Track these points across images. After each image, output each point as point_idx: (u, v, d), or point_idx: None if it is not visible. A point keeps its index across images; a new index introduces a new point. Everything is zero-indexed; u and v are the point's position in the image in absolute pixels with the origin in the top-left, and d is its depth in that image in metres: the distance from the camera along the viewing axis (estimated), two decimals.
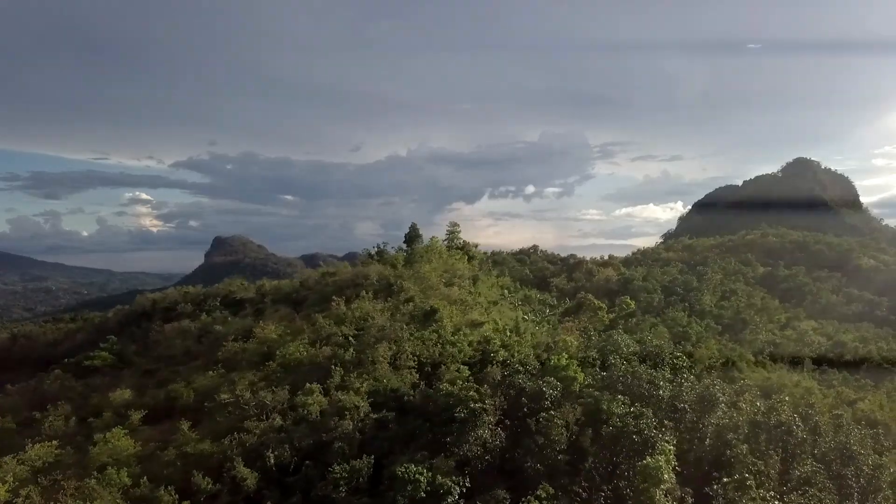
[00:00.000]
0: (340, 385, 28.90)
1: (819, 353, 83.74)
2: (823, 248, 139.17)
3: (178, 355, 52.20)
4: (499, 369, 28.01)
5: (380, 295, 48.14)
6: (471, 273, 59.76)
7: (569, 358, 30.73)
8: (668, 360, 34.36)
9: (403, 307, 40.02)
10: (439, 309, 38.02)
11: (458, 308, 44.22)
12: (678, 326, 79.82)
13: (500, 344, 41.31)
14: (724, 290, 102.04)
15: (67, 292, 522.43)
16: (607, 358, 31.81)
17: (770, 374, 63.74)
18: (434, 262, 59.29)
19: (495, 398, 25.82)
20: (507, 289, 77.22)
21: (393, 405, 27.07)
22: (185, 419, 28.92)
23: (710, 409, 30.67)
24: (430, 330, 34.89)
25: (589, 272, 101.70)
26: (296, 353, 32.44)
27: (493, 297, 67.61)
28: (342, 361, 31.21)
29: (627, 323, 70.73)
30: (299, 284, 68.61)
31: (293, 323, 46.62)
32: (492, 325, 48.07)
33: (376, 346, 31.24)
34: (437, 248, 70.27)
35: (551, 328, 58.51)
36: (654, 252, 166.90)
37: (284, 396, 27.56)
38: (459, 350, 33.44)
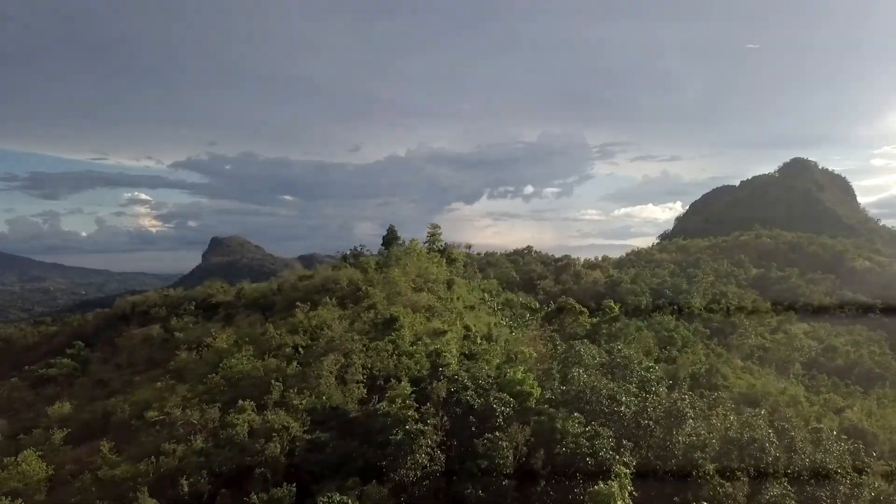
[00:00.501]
0: (279, 401, 27.04)
1: (809, 358, 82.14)
2: (818, 250, 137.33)
3: (140, 363, 50.40)
4: (444, 385, 26.11)
5: (346, 301, 46.34)
6: (446, 277, 57.78)
7: (526, 371, 28.90)
8: (637, 372, 32.48)
9: (364, 315, 38.17)
10: (399, 317, 36.14)
11: (425, 315, 42.39)
12: (665, 331, 77.92)
13: (466, 353, 39.52)
14: (715, 292, 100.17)
15: (65, 293, 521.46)
16: (569, 370, 29.95)
17: (756, 380, 61.99)
18: (409, 266, 57.43)
19: (439, 417, 23.98)
20: (488, 292, 75.38)
21: (334, 424, 25.17)
22: (118, 437, 27.11)
23: (678, 425, 28.84)
24: (385, 340, 33.03)
25: (576, 274, 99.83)
26: (238, 366, 30.59)
27: (472, 301, 65.78)
28: (284, 375, 29.37)
29: (611, 328, 68.78)
30: (276, 288, 66.85)
31: (257, 329, 44.81)
32: (458, 332, 46.25)
33: (322, 359, 29.37)
34: (416, 251, 68.50)
35: (528, 334, 56.67)
36: (647, 253, 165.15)
37: (215, 415, 25.69)
38: (416, 362, 31.62)
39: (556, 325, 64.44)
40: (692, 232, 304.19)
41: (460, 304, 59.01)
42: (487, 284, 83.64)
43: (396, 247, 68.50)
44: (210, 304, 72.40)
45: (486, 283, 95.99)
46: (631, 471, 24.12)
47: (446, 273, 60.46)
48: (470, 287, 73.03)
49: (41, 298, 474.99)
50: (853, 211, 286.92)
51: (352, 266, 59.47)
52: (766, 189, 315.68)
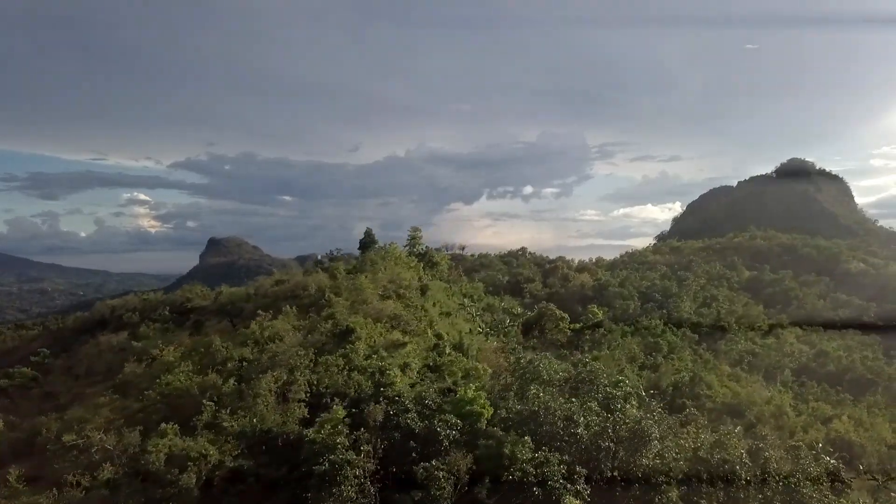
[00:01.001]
0: (210, 423, 25.14)
1: (800, 364, 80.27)
2: (812, 252, 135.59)
3: (98, 374, 48.45)
4: (381, 408, 24.16)
5: (311, 309, 44.44)
6: (420, 283, 55.88)
7: (479, 389, 27.00)
8: (602, 388, 30.57)
9: (322, 325, 36.28)
10: (356, 329, 34.26)
11: (387, 325, 40.50)
12: (652, 336, 76.07)
13: (430, 365, 37.66)
14: (706, 296, 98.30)
15: (63, 293, 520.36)
16: (527, 388, 28.05)
17: (742, 389, 60.08)
18: (382, 272, 55.56)
19: (374, 443, 22.10)
20: (470, 297, 73.56)
21: (265, 449, 23.28)
22: (43, 461, 25.22)
23: (642, 446, 26.96)
24: (336, 354, 31.16)
25: (564, 278, 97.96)
26: (175, 382, 28.67)
27: (451, 306, 63.94)
28: (219, 394, 27.46)
29: (595, 334, 67.00)
30: (252, 292, 64.94)
31: (210, 340, 42.87)
32: (428, 342, 44.41)
33: (261, 376, 27.48)
34: (394, 255, 66.64)
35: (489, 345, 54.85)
36: (641, 255, 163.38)
37: (135, 440, 23.75)
38: (368, 377, 29.75)
39: (536, 331, 62.63)
40: (688, 233, 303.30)
41: (435, 311, 57.19)
42: (471, 289, 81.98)
43: (374, 251, 66.64)
44: (185, 309, 70.57)
45: (471, 286, 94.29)
46: (585, 500, 22.26)
47: (421, 278, 58.49)
48: (450, 292, 71.24)
49: (39, 299, 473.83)
50: (850, 211, 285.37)
51: (324, 271, 57.64)
52: (762, 190, 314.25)
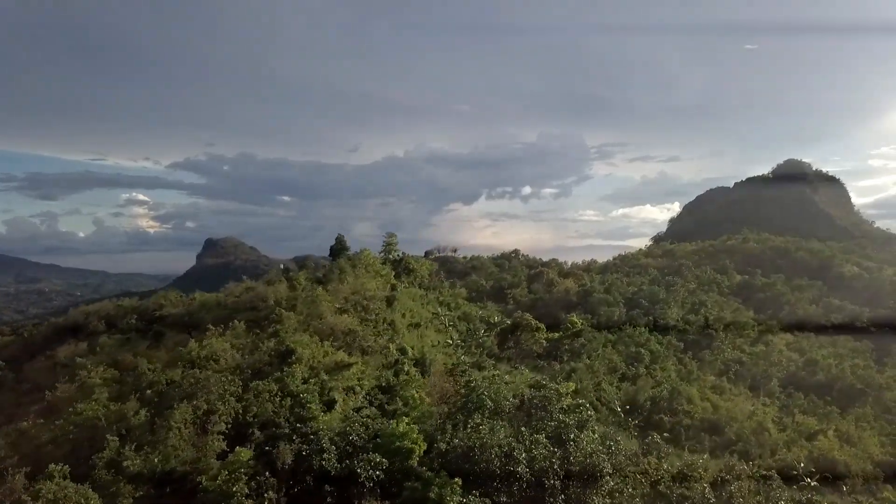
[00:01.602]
0: (113, 461, 22.85)
1: (788, 373, 77.97)
2: (805, 255, 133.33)
3: (41, 392, 46.14)
4: (293, 447, 21.81)
5: (264, 324, 42.14)
6: (389, 293, 53.55)
7: (416, 420, 24.72)
8: (557, 415, 28.19)
9: (265, 344, 34.00)
10: (297, 349, 31.95)
11: (344, 341, 38.22)
12: (635, 345, 73.79)
13: (383, 385, 35.37)
14: (694, 301, 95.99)
15: (61, 294, 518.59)
16: (470, 418, 25.73)
17: (725, 402, 57.83)
18: (348, 281, 53.25)
19: (281, 490, 19.86)
20: (447, 305, 71.24)
21: (169, 492, 21.07)
22: None
23: (593, 483, 24.68)
24: (268, 379, 28.87)
25: (549, 283, 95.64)
26: (88, 411, 26.38)
27: (424, 316, 61.67)
28: (129, 426, 25.15)
29: (573, 343, 64.69)
30: (225, 298, 62.56)
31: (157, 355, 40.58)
32: (389, 356, 42.14)
33: (176, 406, 25.15)
34: (366, 262, 64.36)
35: None
36: (633, 257, 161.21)
37: (19, 484, 21.48)
38: (304, 403, 27.47)
39: (511, 342, 60.36)
40: (684, 234, 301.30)
41: (405, 322, 54.93)
42: (450, 296, 79.59)
43: (345, 258, 64.32)
44: (154, 317, 68.19)
45: (453, 292, 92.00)
46: None
47: (392, 287, 56.15)
48: (426, 300, 68.99)
49: (36, 300, 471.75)
50: (847, 213, 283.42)
51: (287, 280, 55.28)
52: (759, 191, 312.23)
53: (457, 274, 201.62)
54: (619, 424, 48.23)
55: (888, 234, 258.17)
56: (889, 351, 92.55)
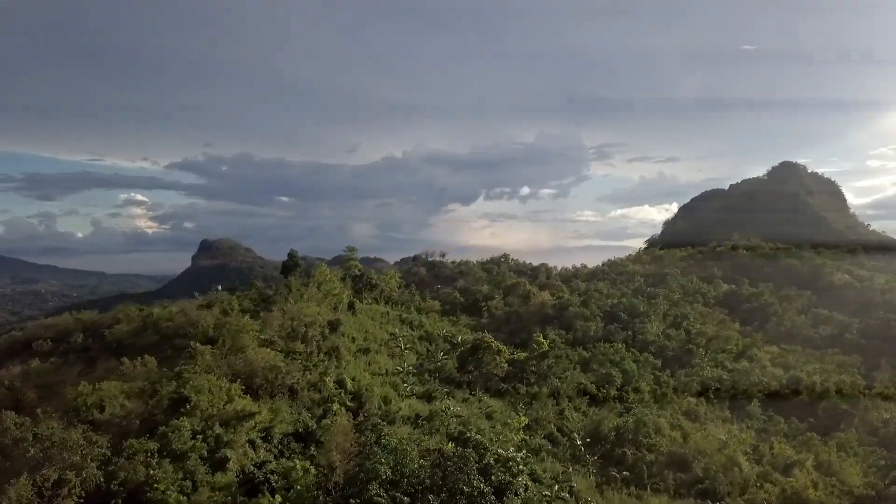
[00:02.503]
0: None
1: (770, 392, 74.42)
2: (795, 263, 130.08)
3: None
4: None
5: (184, 355, 38.62)
6: (333, 316, 50.03)
7: (294, 497, 21.24)
8: (476, 480, 24.63)
9: (164, 388, 30.55)
10: (191, 396, 28.50)
11: (264, 378, 34.71)
12: (610, 362, 70.33)
13: (299, 432, 31.86)
14: (676, 314, 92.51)
15: (56, 295, 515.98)
16: (364, 489, 22.20)
17: (696, 431, 54.29)
18: (290, 304, 49.74)
19: None
20: (410, 323, 67.71)
21: None
22: None
23: None
24: (143, 438, 25.38)
25: (525, 296, 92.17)
26: None
27: (380, 338, 58.22)
28: None
29: (540, 365, 61.14)
30: (176, 314, 58.96)
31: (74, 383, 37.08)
32: (326, 390, 38.61)
33: (14, 482, 21.74)
34: (321, 280, 60.89)
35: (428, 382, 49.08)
36: (621, 264, 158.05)
37: None
38: (180, 467, 24.06)
39: (472, 365, 56.80)
40: (679, 236, 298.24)
41: (353, 347, 51.49)
42: (415, 312, 75.90)
43: (297, 275, 60.90)
44: (103, 335, 64.55)
45: (426, 304, 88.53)
46: None
47: (340, 309, 52.62)
48: (386, 319, 65.53)
49: (32, 301, 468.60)
50: (843, 215, 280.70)
51: (232, 301, 51.78)
52: (754, 193, 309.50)
53: (444, 279, 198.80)
54: (578, 459, 44.93)
55: (883, 237, 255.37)
56: (878, 364, 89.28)
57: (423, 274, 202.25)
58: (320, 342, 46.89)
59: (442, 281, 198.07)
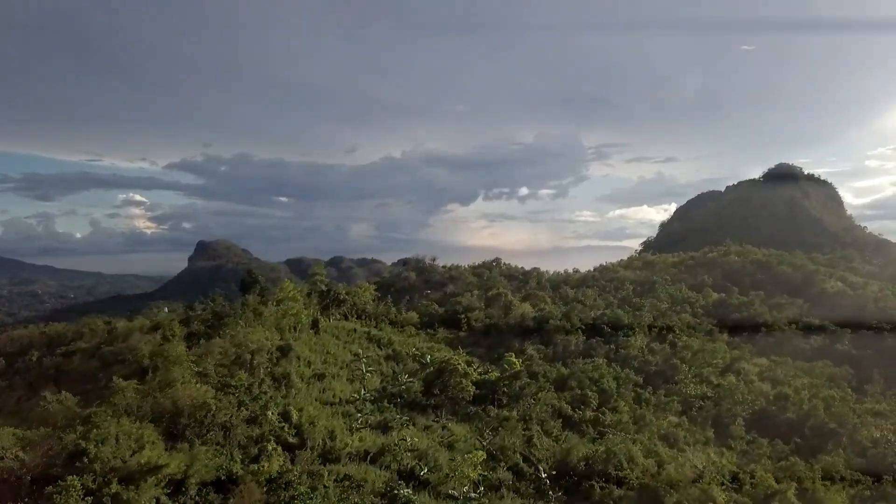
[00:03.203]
0: None
1: (756, 409, 71.70)
2: (787, 269, 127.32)
3: None
4: None
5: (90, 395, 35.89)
6: (278, 342, 47.21)
7: None
8: None
9: (67, 435, 27.80)
10: (89, 448, 25.74)
11: (192, 417, 31.95)
12: (588, 379, 67.59)
13: (222, 478, 29.08)
14: (662, 325, 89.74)
15: (54, 296, 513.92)
16: None
17: (673, 459, 51.48)
18: (239, 327, 46.93)
19: None
20: (378, 341, 64.85)
21: None
22: None
23: None
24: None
25: (506, 307, 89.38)
26: None
27: (341, 359, 55.46)
28: None
29: (512, 385, 58.40)
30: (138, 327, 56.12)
31: None
32: (267, 424, 35.84)
33: None
34: (284, 297, 58.11)
35: None
36: (612, 270, 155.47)
37: None
38: None
39: (437, 388, 54.00)
40: (674, 239, 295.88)
41: (308, 372, 48.71)
42: (381, 330, 72.82)
43: (256, 293, 58.09)
44: (60, 352, 61.76)
45: (404, 317, 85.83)
46: None
47: (292, 329, 49.78)
48: (353, 337, 62.73)
49: (29, 302, 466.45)
50: (839, 217, 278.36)
51: (181, 325, 49.00)
52: (750, 195, 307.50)
53: (434, 284, 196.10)
54: (543, 493, 42.22)
55: (879, 240, 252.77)
56: (870, 377, 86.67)
57: (412, 279, 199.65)
58: (271, 368, 44.12)
59: (432, 286, 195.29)
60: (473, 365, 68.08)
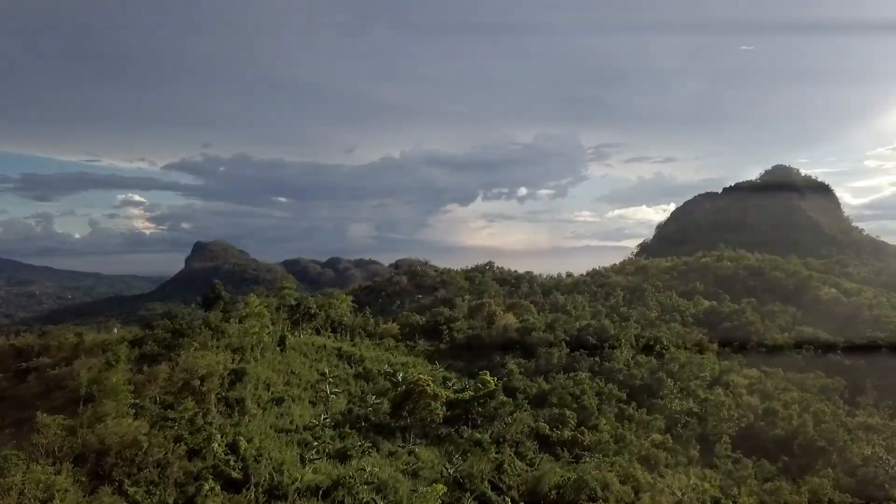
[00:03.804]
0: None
1: (744, 426, 69.39)
2: (780, 276, 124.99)
3: None
4: None
5: None
6: (232, 366, 44.85)
7: None
8: None
9: None
10: None
11: (119, 457, 29.67)
12: (570, 397, 65.31)
13: None
14: (649, 336, 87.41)
15: (51, 297, 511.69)
16: None
17: (650, 485, 49.18)
18: (192, 350, 44.61)
19: None
20: (349, 359, 62.46)
21: None
22: None
23: None
24: None
25: (490, 318, 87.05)
26: None
27: (306, 379, 53.15)
28: None
29: (486, 406, 56.01)
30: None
31: None
32: (208, 457, 33.57)
33: None
34: (248, 313, 55.78)
35: None
36: (604, 274, 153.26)
37: None
38: None
39: (405, 411, 51.65)
40: (670, 241, 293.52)
41: (266, 396, 46.40)
42: (355, 346, 70.48)
43: (218, 309, 55.78)
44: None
45: (385, 328, 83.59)
46: None
47: (231, 358, 47.20)
48: (321, 355, 60.37)
49: (26, 303, 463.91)
50: (836, 220, 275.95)
51: (130, 346, 46.63)
52: (746, 198, 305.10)
53: (426, 289, 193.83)
54: None
55: (877, 242, 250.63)
56: (863, 388, 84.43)
57: (404, 283, 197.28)
58: (224, 394, 41.82)
59: (423, 290, 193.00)
60: (451, 380, 65.92)
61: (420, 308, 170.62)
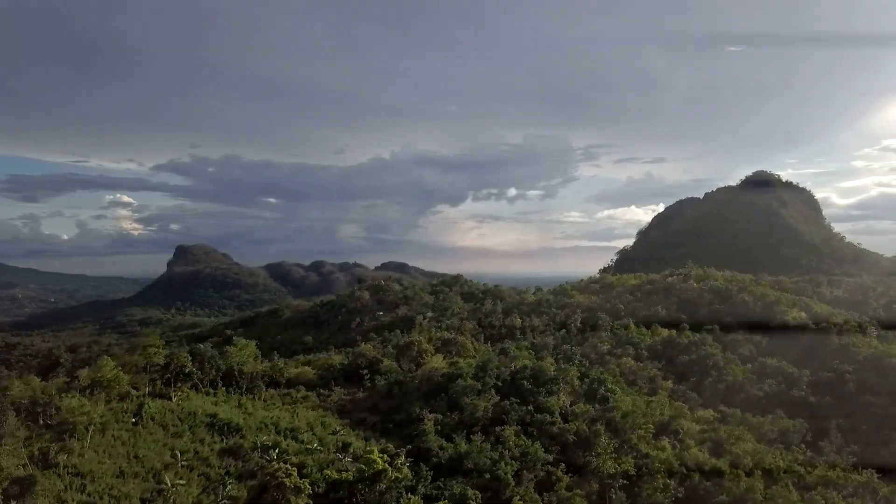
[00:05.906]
0: None
1: (679, 498, 60.37)
2: (748, 299, 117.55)
3: None
4: None
5: None
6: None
7: None
8: None
9: None
10: None
11: None
12: (488, 461, 57.18)
13: None
14: (592, 380, 79.30)
15: (34, 301, 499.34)
16: None
17: None
18: None
19: None
20: (220, 428, 53.79)
21: None
22: None
23: None
24: None
25: (417, 359, 78.75)
26: None
27: (150, 464, 44.62)
28: None
29: (372, 491, 47.65)
30: None
31: None
32: None
33: None
34: (103, 376, 47.20)
35: None
36: (567, 294, 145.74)
37: None
38: None
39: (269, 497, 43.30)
40: (650, 249, 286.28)
41: (75, 499, 37.91)
42: (243, 405, 61.94)
43: (61, 375, 47.18)
44: None
45: (298, 372, 75.09)
46: None
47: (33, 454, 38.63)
48: (189, 424, 51.78)
49: (7, 307, 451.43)
50: (817, 227, 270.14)
51: None
52: (726, 203, 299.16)
53: (387, 305, 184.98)
54: None
55: (858, 250, 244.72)
56: (827, 430, 76.89)
57: (365, 299, 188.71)
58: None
59: (385, 307, 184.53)
60: (351, 446, 57.58)
61: (378, 328, 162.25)
